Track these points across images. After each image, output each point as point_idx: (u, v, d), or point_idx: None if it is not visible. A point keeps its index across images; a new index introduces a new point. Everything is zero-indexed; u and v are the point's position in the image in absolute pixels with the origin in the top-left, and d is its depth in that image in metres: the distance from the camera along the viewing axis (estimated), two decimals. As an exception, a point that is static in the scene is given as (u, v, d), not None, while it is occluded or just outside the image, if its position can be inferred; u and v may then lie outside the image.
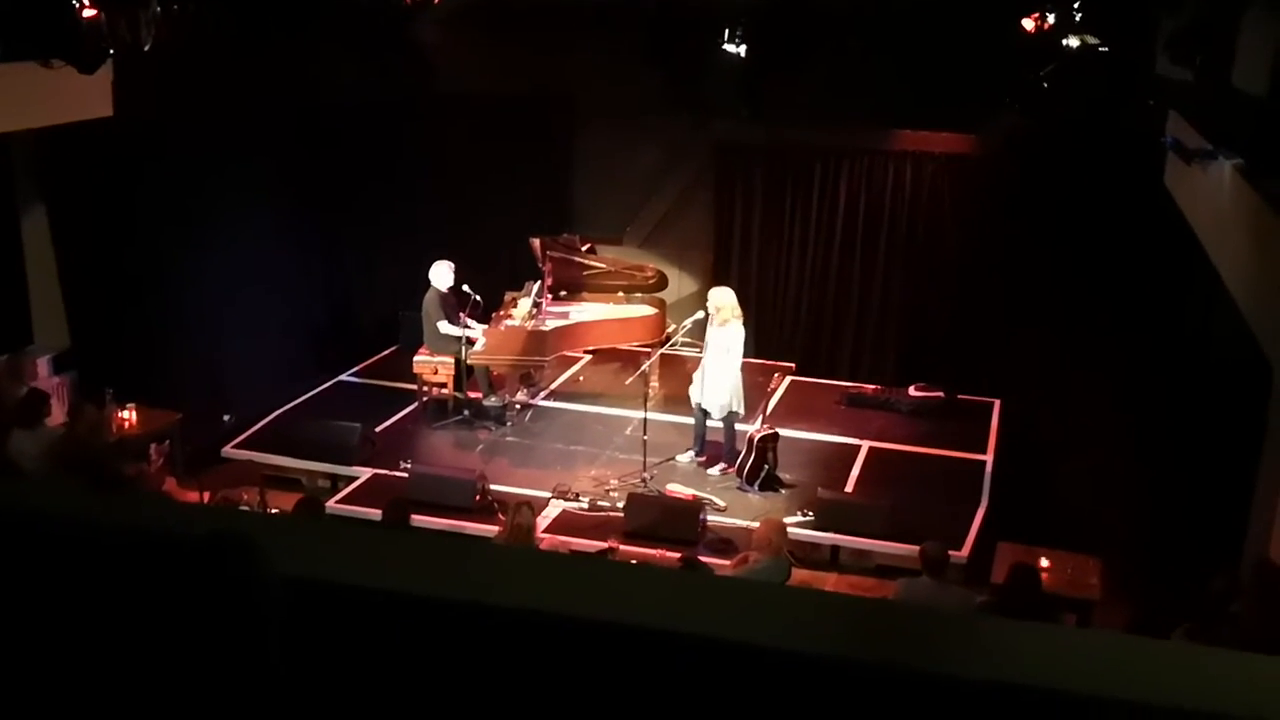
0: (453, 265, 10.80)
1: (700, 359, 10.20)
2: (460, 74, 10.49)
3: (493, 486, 9.35)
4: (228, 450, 10.13)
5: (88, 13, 7.03)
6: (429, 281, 10.80)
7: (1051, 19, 7.18)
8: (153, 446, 9.18)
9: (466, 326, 10.66)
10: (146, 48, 7.29)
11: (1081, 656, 1.04)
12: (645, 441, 9.86)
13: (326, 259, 12.90)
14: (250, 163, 11.05)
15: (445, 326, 10.69)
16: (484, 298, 10.83)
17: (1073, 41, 6.83)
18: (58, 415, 9.13)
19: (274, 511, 8.13)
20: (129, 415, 9.45)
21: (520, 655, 1.14)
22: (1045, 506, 8.81)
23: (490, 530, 8.48)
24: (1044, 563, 7.71)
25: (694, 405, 10.11)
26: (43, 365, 10.00)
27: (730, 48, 8.59)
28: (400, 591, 1.19)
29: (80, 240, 10.04)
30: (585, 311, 11.43)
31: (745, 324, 9.98)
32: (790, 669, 1.06)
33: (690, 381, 10.24)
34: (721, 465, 10.02)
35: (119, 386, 9.52)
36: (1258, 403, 6.76)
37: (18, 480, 5.54)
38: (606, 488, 9.61)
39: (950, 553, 7.34)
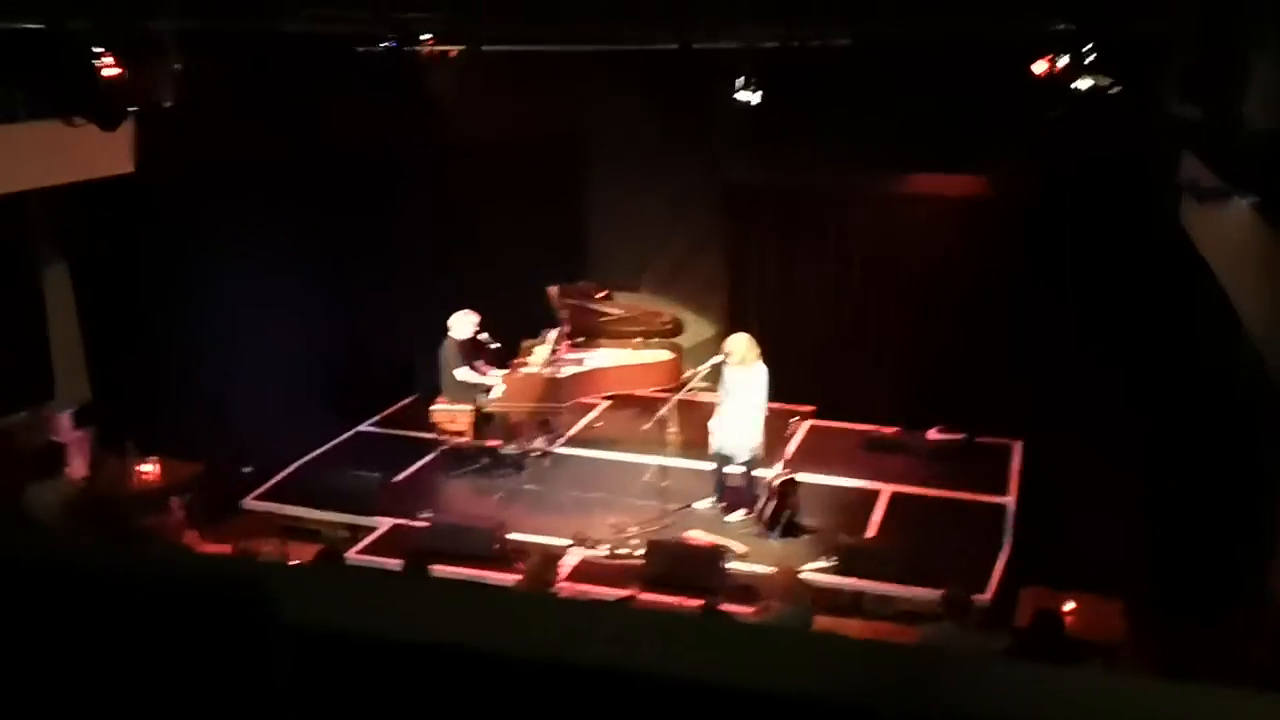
0: (473, 315, 10.82)
1: (716, 405, 10.16)
2: (475, 122, 10.60)
3: (511, 535, 9.32)
4: (248, 502, 10.15)
5: (109, 71, 7.14)
6: (447, 330, 10.84)
7: (1063, 61, 7.20)
8: (173, 499, 9.19)
9: (484, 374, 10.68)
10: (167, 104, 7.40)
11: (1109, 700, 1.02)
12: (664, 488, 9.81)
13: (345, 310, 12.95)
14: (268, 215, 11.14)
15: (462, 374, 10.72)
16: (501, 345, 10.85)
17: (1084, 84, 6.84)
18: (79, 469, 9.16)
19: (294, 563, 8.11)
20: (150, 468, 9.48)
21: (535, 703, 1.13)
22: (1068, 548, 8.72)
23: (510, 579, 8.43)
24: (1068, 606, 7.61)
25: (712, 451, 10.05)
26: (64, 420, 10.05)
27: (743, 95, 8.65)
28: (415, 641, 1.18)
29: (102, 296, 10.13)
30: (602, 358, 11.44)
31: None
32: (813, 716, 1.04)
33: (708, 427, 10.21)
34: (742, 511, 9.96)
35: (140, 439, 9.55)
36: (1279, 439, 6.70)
37: (33, 530, 5.54)
38: (626, 535, 9.56)
39: (973, 597, 7.27)
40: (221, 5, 6.97)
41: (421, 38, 8.68)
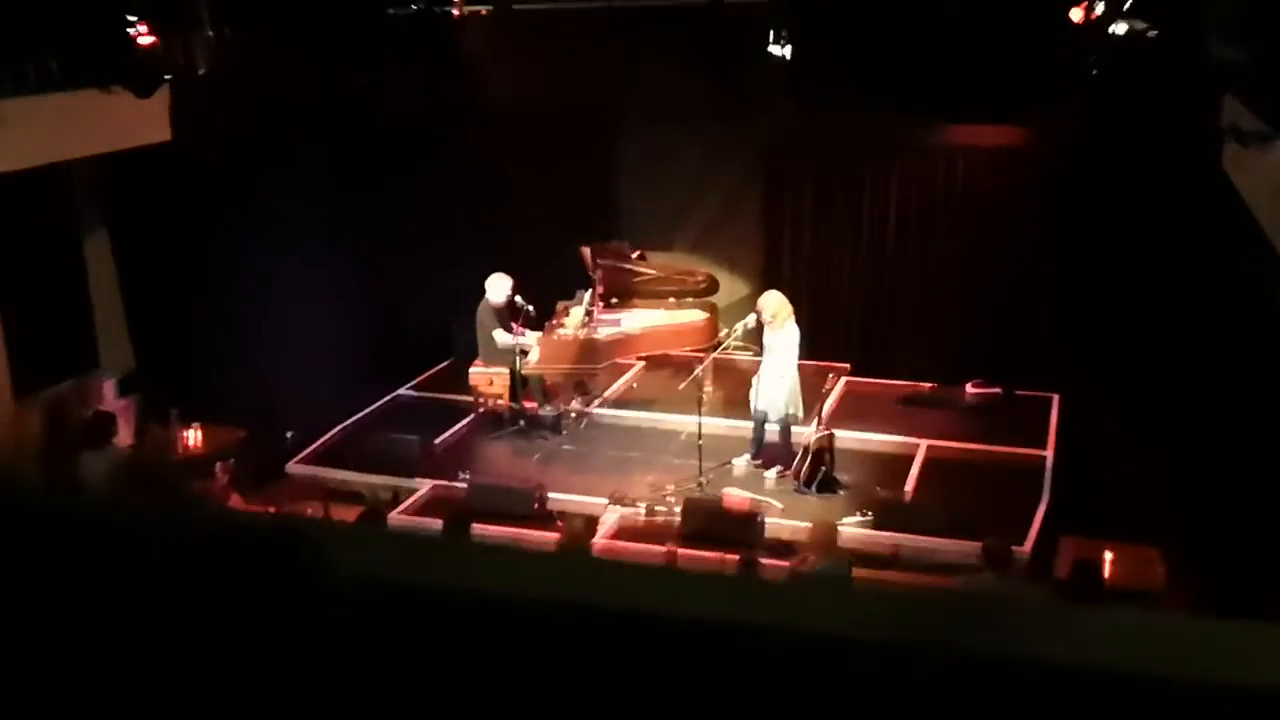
0: (509, 278, 10.84)
1: (758, 363, 10.15)
2: (504, 83, 10.56)
3: (550, 495, 9.37)
4: (291, 466, 10.26)
5: (144, 39, 7.17)
6: (483, 293, 10.86)
7: (1100, 7, 7.07)
8: (218, 465, 9.31)
9: (521, 336, 10.72)
10: (201, 71, 7.43)
11: (1153, 638, 1.02)
12: (700, 446, 9.83)
13: (380, 273, 13.01)
14: (302, 179, 11.19)
15: (500, 336, 10.75)
16: (535, 307, 10.87)
17: (1120, 28, 6.71)
18: (124, 437, 9.30)
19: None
20: (194, 435, 9.61)
21: (577, 651, 1.14)
22: (1107, 500, 8.67)
23: (550, 538, 8.50)
24: (1106, 556, 7.59)
25: (753, 409, 10.05)
26: (109, 389, 10.19)
27: (775, 49, 8.56)
28: (461, 589, 1.19)
29: (142, 264, 10.23)
30: (637, 318, 11.43)
31: (798, 324, 9.91)
32: (855, 657, 1.05)
33: (748, 385, 10.20)
34: (778, 468, 9.96)
35: (183, 407, 9.67)
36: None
37: (87, 496, 5.64)
38: (663, 493, 9.59)
39: (1012, 548, 7.25)
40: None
41: (452, -1, 8.66)
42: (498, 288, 10.80)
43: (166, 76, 7.58)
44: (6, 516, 1.11)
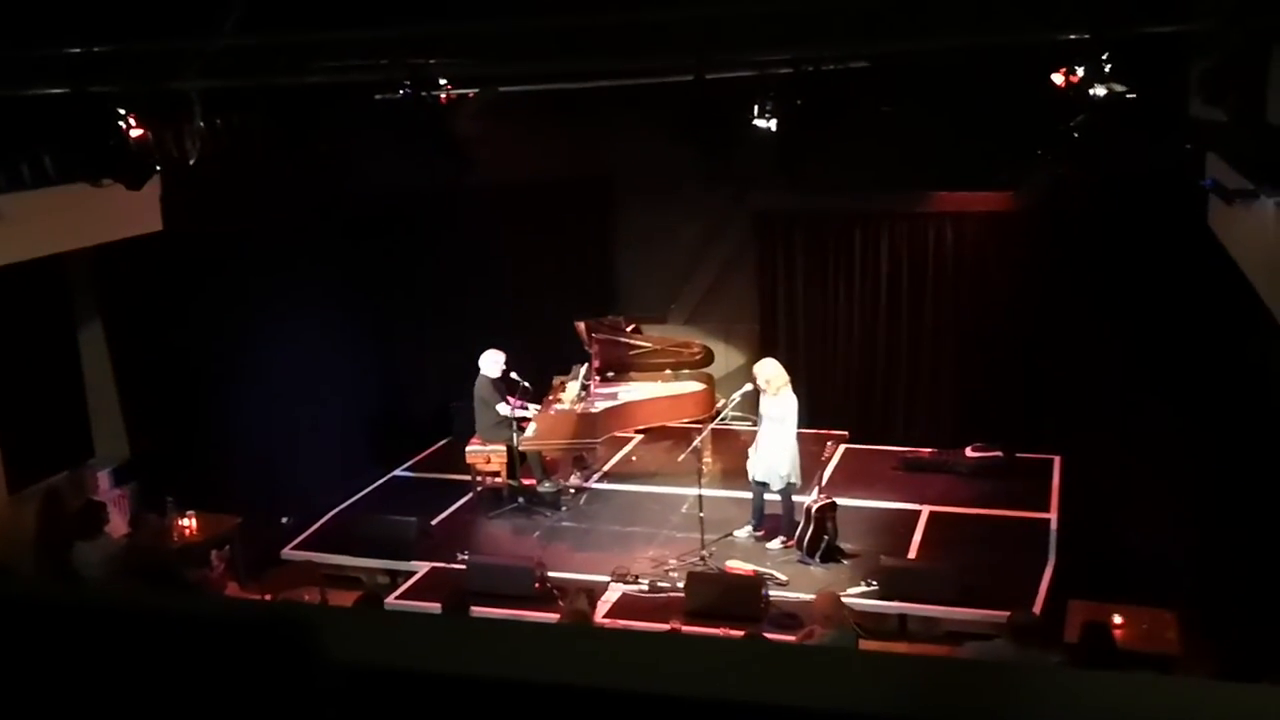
0: (501, 354, 10.88)
1: (754, 432, 10.13)
2: (497, 162, 10.65)
3: (551, 573, 9.29)
4: (287, 552, 10.18)
5: (134, 132, 7.24)
6: (479, 370, 10.88)
7: (1080, 71, 7.17)
8: (214, 553, 9.23)
9: (521, 409, 10.73)
10: (192, 161, 7.49)
11: (1171, 703, 1.00)
12: (702, 518, 9.77)
13: (377, 354, 13.03)
14: (298, 263, 11.25)
15: (504, 408, 10.74)
16: (532, 382, 10.88)
17: (1100, 91, 6.79)
18: (120, 526, 9.22)
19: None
20: (190, 523, 9.53)
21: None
22: (1115, 562, 8.60)
23: (550, 618, 8.40)
24: (1117, 619, 7.50)
25: (751, 479, 10.01)
26: (104, 478, 10.12)
27: (761, 123, 8.65)
28: (459, 675, 1.17)
29: (136, 353, 10.22)
30: (634, 391, 11.43)
31: (795, 393, 9.91)
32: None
33: (745, 455, 10.17)
34: (781, 539, 9.89)
35: (179, 495, 9.61)
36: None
37: (80, 585, 5.57)
38: (665, 568, 9.52)
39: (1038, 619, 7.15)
40: (241, 62, 7.07)
41: (440, 82, 8.75)
42: (491, 362, 10.83)
43: (157, 168, 7.64)
44: (2, 610, 1.10)
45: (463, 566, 9.48)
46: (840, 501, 9.84)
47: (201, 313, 10.33)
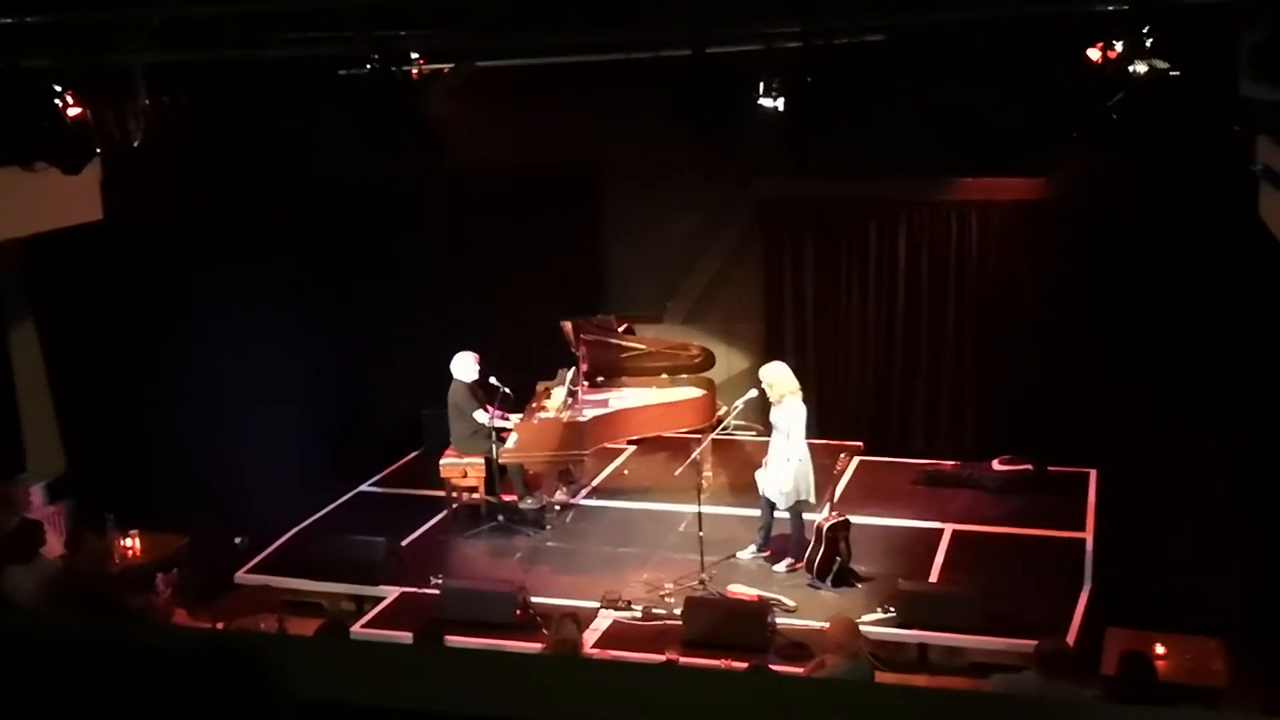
0: (475, 355, 10.89)
1: (763, 443, 10.15)
2: (475, 147, 10.67)
3: (534, 598, 9.30)
4: (241, 576, 10.18)
5: (71, 110, 7.24)
6: (452, 375, 10.88)
7: (1119, 46, 7.19)
8: (159, 576, 9.22)
9: (504, 418, 10.75)
10: (136, 144, 7.49)
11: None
12: (701, 538, 9.79)
13: (340, 357, 13.03)
14: (253, 256, 11.25)
15: (482, 416, 10.75)
16: (513, 388, 10.88)
17: (1140, 67, 6.82)
18: (55, 547, 9.21)
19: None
20: (132, 543, 9.51)
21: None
22: (1157, 586, 8.62)
23: (533, 648, 8.42)
24: (1159, 649, 7.53)
25: (761, 495, 10.02)
26: (36, 493, 10.11)
27: (767, 102, 8.67)
28: (432, 711, 1.18)
29: (73, 355, 10.21)
30: (626, 398, 11.44)
31: (805, 400, 9.92)
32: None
33: (751, 468, 10.18)
34: (789, 560, 9.91)
35: (120, 512, 9.60)
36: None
37: (13, 613, 5.57)
38: (661, 593, 9.53)
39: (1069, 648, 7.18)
40: (190, 34, 7.07)
41: (411, 56, 8.77)
42: (464, 365, 10.84)
43: (97, 151, 7.64)
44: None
45: (436, 591, 9.49)
46: (854, 519, 9.86)
47: (145, 311, 10.32)
